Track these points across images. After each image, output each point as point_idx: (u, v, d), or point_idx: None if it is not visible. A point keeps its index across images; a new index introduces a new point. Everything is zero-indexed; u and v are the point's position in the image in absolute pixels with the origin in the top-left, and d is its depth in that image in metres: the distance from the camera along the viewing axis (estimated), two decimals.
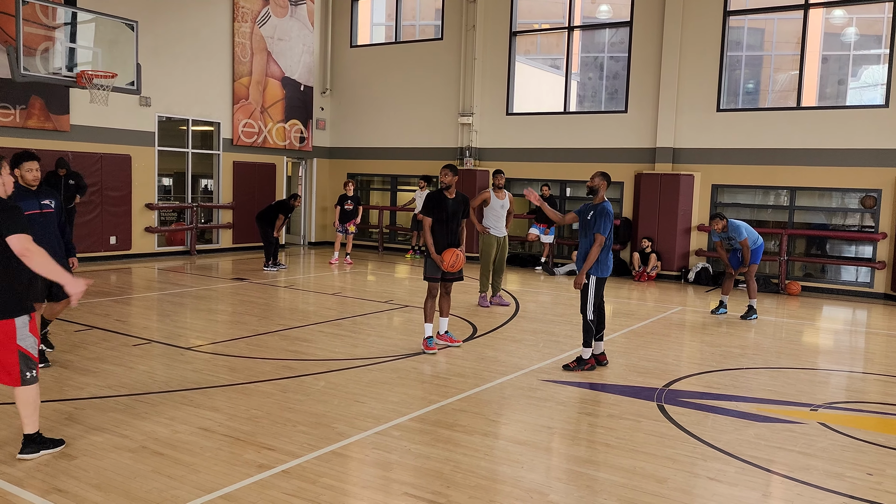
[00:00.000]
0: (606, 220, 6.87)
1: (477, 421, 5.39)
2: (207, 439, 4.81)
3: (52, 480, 4.12)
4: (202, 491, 4.03)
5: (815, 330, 10.03)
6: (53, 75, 11.29)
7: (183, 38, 15.27)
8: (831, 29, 16.67)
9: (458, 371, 6.81)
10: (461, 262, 7.39)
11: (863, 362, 8.13)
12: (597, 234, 6.84)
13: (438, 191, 7.48)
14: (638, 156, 14.89)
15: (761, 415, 5.76)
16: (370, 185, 19.60)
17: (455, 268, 7.37)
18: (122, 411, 5.34)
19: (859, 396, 6.51)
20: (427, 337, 7.47)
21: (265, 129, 17.27)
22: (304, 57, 18.12)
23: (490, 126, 16.75)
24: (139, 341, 7.58)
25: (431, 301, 7.49)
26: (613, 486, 4.29)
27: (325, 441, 4.85)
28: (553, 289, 12.59)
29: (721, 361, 7.54)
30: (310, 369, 6.67)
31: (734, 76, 15.29)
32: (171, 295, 10.71)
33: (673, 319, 10.03)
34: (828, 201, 13.61)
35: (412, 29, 20.95)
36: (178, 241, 15.86)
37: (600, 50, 20.98)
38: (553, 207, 14.77)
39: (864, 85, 15.58)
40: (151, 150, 14.90)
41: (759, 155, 13.68)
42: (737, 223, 10.01)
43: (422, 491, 4.14)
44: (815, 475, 4.56)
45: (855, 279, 13.41)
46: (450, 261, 7.31)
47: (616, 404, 5.96)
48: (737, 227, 9.95)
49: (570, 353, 7.59)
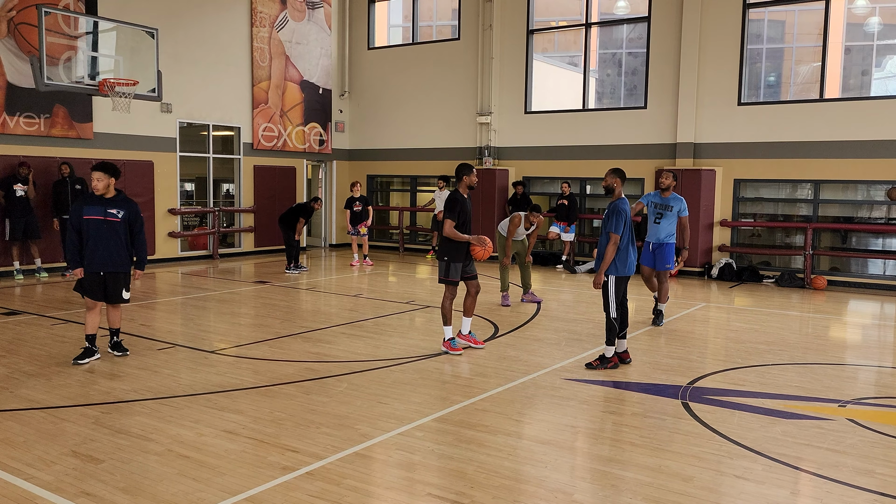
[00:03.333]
0: (618, 218, 6.81)
1: (500, 421, 5.37)
2: (232, 442, 4.85)
3: (79, 484, 4.17)
4: (228, 493, 4.06)
5: (843, 324, 9.88)
6: (76, 84, 11.43)
7: (202, 44, 15.41)
8: (853, 19, 16.42)
9: (480, 371, 6.80)
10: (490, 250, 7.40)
11: (892, 357, 7.99)
12: (610, 233, 6.80)
13: (456, 191, 7.41)
14: (658, 151, 14.77)
15: (788, 411, 5.68)
16: (390, 187, 19.65)
17: (485, 256, 7.36)
18: (148, 415, 5.39)
19: (889, 392, 6.40)
20: (449, 339, 7.43)
21: (285, 132, 17.37)
22: (322, 60, 18.20)
23: (509, 125, 16.71)
24: (164, 345, 7.66)
25: (450, 303, 7.44)
26: (639, 486, 4.25)
27: (349, 442, 4.86)
28: (575, 287, 12.52)
29: (746, 358, 7.45)
30: (332, 371, 6.69)
31: (755, 69, 15.12)
32: (195, 299, 10.80)
33: (696, 316, 9.93)
34: (853, 194, 13.41)
35: (429, 29, 20.98)
36: (201, 246, 16.00)
37: (618, 46, 20.86)
38: (574, 206, 14.85)
39: (888, 75, 15.33)
40: (173, 155, 15.05)
41: (782, 148, 13.51)
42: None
43: (445, 492, 4.14)
44: (844, 472, 4.49)
45: (882, 272, 13.19)
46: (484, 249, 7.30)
47: (640, 402, 5.91)
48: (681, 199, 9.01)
49: (593, 351, 7.55)
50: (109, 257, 6.84)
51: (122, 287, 6.96)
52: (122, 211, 6.88)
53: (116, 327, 7.18)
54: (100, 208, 6.78)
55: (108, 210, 6.81)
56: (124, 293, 7.00)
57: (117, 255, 6.86)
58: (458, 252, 7.35)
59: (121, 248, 6.87)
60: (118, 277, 6.92)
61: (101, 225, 6.77)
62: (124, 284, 6.99)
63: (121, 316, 7.28)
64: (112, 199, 6.87)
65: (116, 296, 6.95)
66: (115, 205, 6.86)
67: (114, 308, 7.09)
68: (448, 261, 7.35)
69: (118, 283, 6.93)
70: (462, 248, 7.36)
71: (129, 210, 6.96)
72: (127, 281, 7.03)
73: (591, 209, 16.03)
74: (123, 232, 6.89)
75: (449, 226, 7.25)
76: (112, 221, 6.81)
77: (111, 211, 6.82)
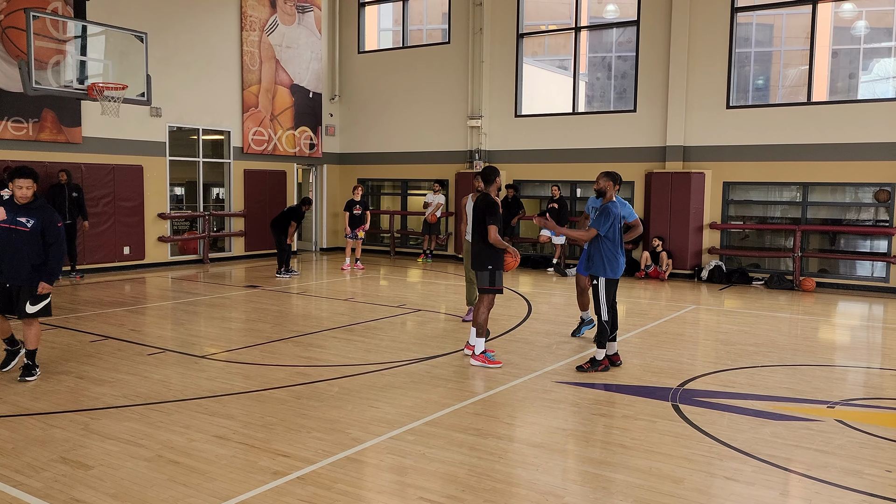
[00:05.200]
0: (605, 219, 6.89)
1: (491, 424, 5.38)
2: (223, 447, 4.83)
3: (69, 490, 4.15)
4: (218, 499, 4.04)
5: (831, 326, 9.95)
6: (65, 88, 11.38)
7: (192, 48, 15.38)
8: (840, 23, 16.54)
9: (471, 374, 6.80)
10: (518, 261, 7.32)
11: (880, 358, 8.05)
12: (591, 228, 6.95)
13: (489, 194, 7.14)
14: (648, 155, 14.84)
15: (778, 413, 5.71)
16: (381, 190, 19.64)
17: (514, 266, 7.26)
18: (138, 420, 5.37)
19: (877, 393, 6.45)
20: (482, 352, 7.11)
21: (275, 136, 17.34)
22: (312, 64, 18.19)
23: (499, 128, 16.74)
24: (154, 350, 7.63)
25: (487, 314, 7.21)
26: (629, 488, 4.26)
27: (340, 447, 4.86)
28: (565, 290, 12.55)
29: (736, 360, 7.49)
30: (323, 375, 6.69)
31: (743, 73, 15.21)
32: (185, 304, 10.77)
33: (687, 318, 9.97)
34: (841, 196, 13.50)
35: (419, 33, 21.00)
36: (191, 250, 15.95)
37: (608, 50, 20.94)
38: (564, 209, 14.88)
39: (875, 78, 15.46)
40: (163, 159, 15.00)
41: (771, 151, 13.60)
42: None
43: (437, 495, 4.14)
44: (833, 473, 4.52)
45: (870, 274, 13.29)
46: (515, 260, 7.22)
47: (631, 405, 5.93)
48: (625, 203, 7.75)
49: (584, 354, 7.57)
50: (14, 270, 6.26)
51: (27, 299, 6.29)
52: (33, 220, 6.23)
53: (31, 348, 6.45)
54: (10, 216, 6.18)
55: (18, 218, 6.20)
56: (28, 307, 6.30)
57: (22, 267, 6.24)
58: (500, 259, 7.11)
59: (25, 260, 6.23)
60: (23, 291, 6.30)
61: (10, 234, 6.18)
62: (30, 297, 6.30)
63: (38, 336, 6.49)
64: (25, 207, 6.25)
65: (21, 309, 6.28)
66: (26, 213, 6.23)
67: (26, 325, 6.41)
68: (493, 269, 7.08)
69: (24, 296, 6.29)
70: (502, 255, 7.14)
71: (43, 219, 6.27)
72: (34, 293, 6.32)
73: (581, 212, 16.04)
74: (33, 243, 6.24)
75: (494, 232, 6.93)
76: (20, 231, 6.19)
77: (20, 220, 6.20)
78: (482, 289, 7.18)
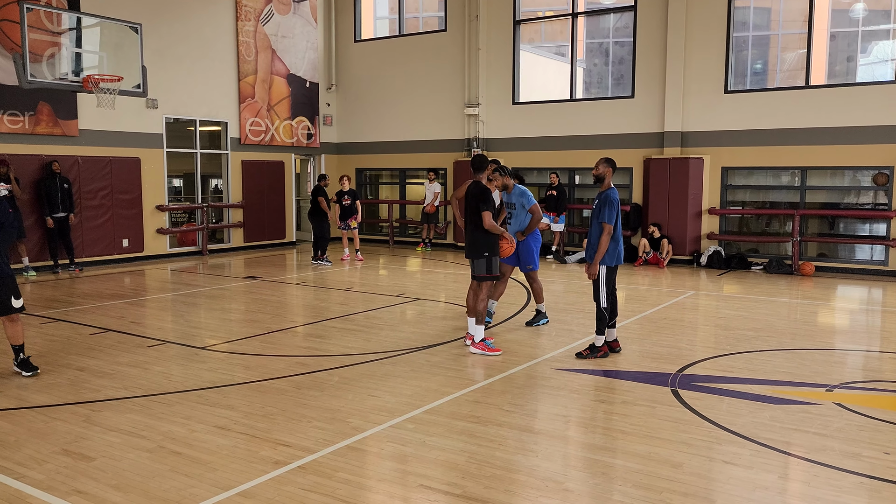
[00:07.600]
0: (610, 208, 6.79)
1: (491, 411, 5.39)
2: (224, 437, 4.85)
3: (71, 482, 4.17)
4: (220, 489, 4.06)
5: (830, 310, 9.97)
6: (60, 81, 11.35)
7: (187, 38, 15.31)
8: (838, 5, 16.46)
9: (470, 362, 6.82)
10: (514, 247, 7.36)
11: (879, 341, 8.07)
12: (603, 223, 6.78)
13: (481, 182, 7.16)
14: (646, 141, 14.81)
15: (777, 397, 5.73)
16: (379, 180, 19.61)
17: (510, 253, 7.34)
18: (139, 412, 5.38)
19: (875, 376, 6.46)
20: (481, 340, 7.12)
21: (272, 127, 17.30)
22: (308, 53, 18.12)
23: (497, 116, 16.70)
24: (154, 342, 7.64)
25: (486, 301, 7.20)
26: (629, 473, 4.28)
27: (341, 436, 4.87)
28: (564, 277, 12.56)
29: (735, 344, 7.51)
30: (323, 365, 6.70)
31: (741, 57, 15.15)
32: (185, 295, 10.77)
33: (686, 304, 9.99)
34: (840, 180, 13.49)
35: (415, 21, 20.87)
36: (190, 242, 15.94)
37: (605, 35, 20.82)
38: (562, 196, 14.86)
39: (874, 61, 15.39)
40: (160, 151, 14.97)
41: (769, 136, 13.57)
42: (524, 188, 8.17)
43: (438, 483, 4.16)
44: (831, 456, 4.54)
45: (870, 258, 13.29)
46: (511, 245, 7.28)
47: (630, 391, 5.95)
48: (525, 191, 8.09)
49: (583, 341, 7.58)
50: None
51: (9, 294, 6.15)
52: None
53: (17, 343, 6.33)
54: None
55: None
56: (13, 301, 6.17)
57: None
58: (496, 246, 7.13)
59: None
60: (5, 285, 6.11)
61: None
62: (11, 292, 6.17)
63: (22, 331, 6.36)
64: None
65: (3, 305, 6.12)
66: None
67: (9, 321, 6.25)
68: (489, 255, 7.09)
69: (5, 291, 6.12)
70: (497, 241, 7.17)
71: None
72: (13, 286, 6.20)
73: (579, 199, 16.07)
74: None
75: (489, 217, 6.94)
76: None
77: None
78: (479, 276, 7.17)
